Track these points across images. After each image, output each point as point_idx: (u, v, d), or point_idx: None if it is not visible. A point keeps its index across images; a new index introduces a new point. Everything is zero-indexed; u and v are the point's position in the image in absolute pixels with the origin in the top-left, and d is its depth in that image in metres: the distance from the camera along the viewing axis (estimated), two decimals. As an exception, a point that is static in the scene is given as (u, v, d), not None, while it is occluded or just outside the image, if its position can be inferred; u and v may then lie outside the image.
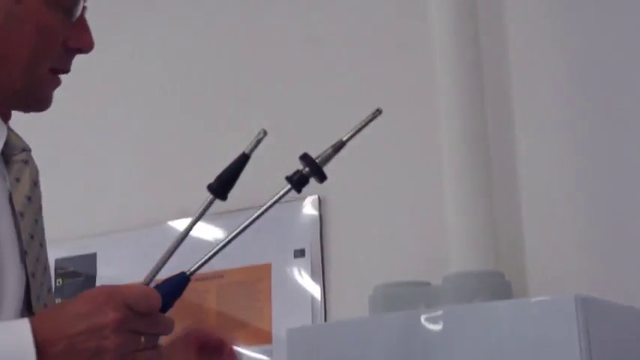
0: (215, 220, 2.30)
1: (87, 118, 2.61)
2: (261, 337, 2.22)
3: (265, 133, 1.02)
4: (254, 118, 2.35)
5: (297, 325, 1.71)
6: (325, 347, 1.62)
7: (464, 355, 1.46)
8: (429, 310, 1.55)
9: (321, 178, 1.01)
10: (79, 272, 2.57)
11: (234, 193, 2.33)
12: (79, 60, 1.21)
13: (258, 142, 1.01)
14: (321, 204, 2.22)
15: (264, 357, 2.21)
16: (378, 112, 1.03)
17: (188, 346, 1.20)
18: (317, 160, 1.01)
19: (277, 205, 2.30)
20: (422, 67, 2.02)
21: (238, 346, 1.82)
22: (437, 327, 1.51)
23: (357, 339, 1.58)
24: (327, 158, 1.02)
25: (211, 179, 2.68)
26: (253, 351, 2.22)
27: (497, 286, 1.70)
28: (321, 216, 2.22)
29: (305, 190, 2.20)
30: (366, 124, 1.03)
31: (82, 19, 1.13)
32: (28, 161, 1.15)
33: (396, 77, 2.17)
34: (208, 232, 2.30)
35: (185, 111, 2.50)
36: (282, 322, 2.14)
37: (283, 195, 1.00)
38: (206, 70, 2.48)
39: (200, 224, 2.34)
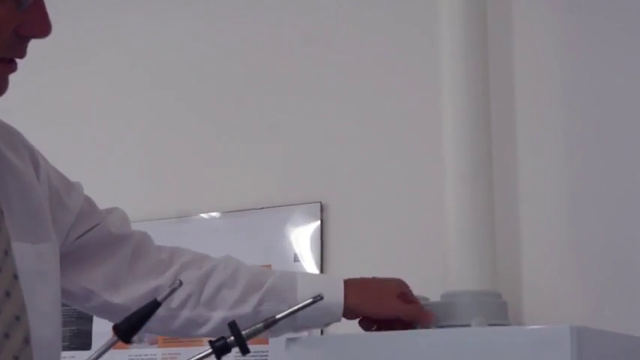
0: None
1: (95, 117, 2.64)
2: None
3: (181, 283, 1.01)
4: (254, 117, 2.37)
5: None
6: (323, 360, 1.64)
7: (459, 377, 1.49)
8: (427, 331, 1.58)
9: (244, 351, 1.01)
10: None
11: (235, 194, 2.35)
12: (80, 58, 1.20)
13: (172, 291, 1.02)
14: (322, 210, 2.24)
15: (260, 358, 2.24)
16: (319, 298, 1.07)
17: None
18: (243, 333, 1.01)
19: (279, 208, 2.31)
20: (427, 78, 2.03)
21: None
22: (433, 346, 1.53)
23: (353, 354, 1.60)
24: (256, 332, 1.02)
25: (212, 176, 2.69)
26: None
27: (494, 305, 1.73)
28: (322, 221, 2.24)
29: (307, 195, 2.22)
30: (303, 307, 1.08)
31: (37, 5, 1.07)
32: None
33: (400, 88, 2.19)
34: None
35: (190, 107, 2.52)
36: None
37: (204, 357, 1.00)
38: (207, 69, 2.50)
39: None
